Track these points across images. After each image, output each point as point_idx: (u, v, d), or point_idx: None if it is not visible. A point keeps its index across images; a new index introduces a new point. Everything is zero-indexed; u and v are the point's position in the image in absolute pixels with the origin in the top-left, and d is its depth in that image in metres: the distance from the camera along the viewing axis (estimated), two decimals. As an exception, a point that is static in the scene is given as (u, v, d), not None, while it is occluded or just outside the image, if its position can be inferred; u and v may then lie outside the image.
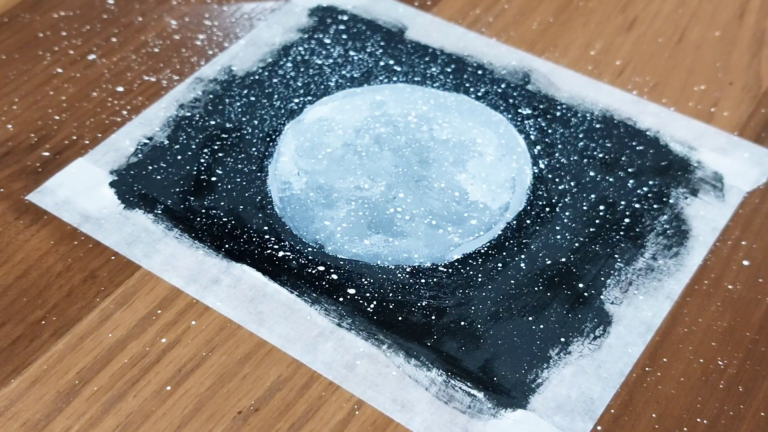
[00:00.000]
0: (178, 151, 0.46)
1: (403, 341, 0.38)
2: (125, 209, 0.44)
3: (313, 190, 0.44)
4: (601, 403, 0.37)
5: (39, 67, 0.51)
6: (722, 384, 0.37)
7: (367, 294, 0.40)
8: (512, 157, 0.46)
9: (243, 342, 0.39)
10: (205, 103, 0.49)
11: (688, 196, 0.44)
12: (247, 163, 0.46)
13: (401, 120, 0.47)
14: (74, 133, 0.48)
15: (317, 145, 0.46)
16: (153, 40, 0.53)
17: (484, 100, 0.49)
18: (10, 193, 0.45)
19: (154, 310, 0.40)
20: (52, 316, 0.40)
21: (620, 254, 0.42)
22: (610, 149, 0.46)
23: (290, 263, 0.41)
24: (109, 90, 0.50)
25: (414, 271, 0.41)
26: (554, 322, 0.39)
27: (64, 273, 0.41)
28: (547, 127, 0.47)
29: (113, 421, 0.36)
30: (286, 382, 0.37)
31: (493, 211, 0.43)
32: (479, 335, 0.39)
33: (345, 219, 0.43)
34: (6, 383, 0.37)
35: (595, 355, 0.38)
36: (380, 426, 0.36)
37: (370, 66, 0.51)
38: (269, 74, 0.51)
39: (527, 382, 0.37)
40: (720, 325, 0.39)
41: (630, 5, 0.55)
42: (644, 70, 0.51)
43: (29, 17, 0.55)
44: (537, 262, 0.41)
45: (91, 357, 0.38)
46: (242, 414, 0.36)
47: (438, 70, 0.50)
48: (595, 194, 0.44)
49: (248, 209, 0.44)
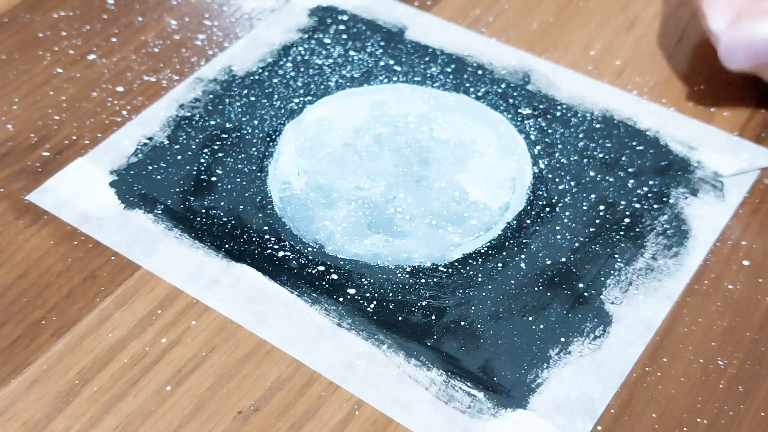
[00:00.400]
0: (178, 151, 0.46)
1: (403, 341, 0.38)
2: (125, 209, 0.44)
3: (313, 189, 0.44)
4: (601, 403, 0.37)
5: (39, 67, 0.51)
6: (722, 384, 0.37)
7: (367, 294, 0.40)
8: (512, 157, 0.46)
9: (243, 342, 0.39)
10: (205, 103, 0.49)
11: (688, 196, 0.44)
12: (247, 163, 0.46)
13: (401, 120, 0.47)
14: (74, 133, 0.48)
15: (317, 145, 0.46)
16: (153, 40, 0.53)
17: (484, 100, 0.49)
18: (10, 193, 0.45)
19: (154, 310, 0.40)
20: (52, 316, 0.40)
21: (620, 254, 0.42)
22: (610, 149, 0.46)
23: (290, 263, 0.41)
24: (109, 90, 0.50)
25: (414, 271, 0.41)
26: (554, 322, 0.39)
27: (64, 273, 0.41)
28: (547, 127, 0.47)
29: (113, 421, 0.36)
30: (286, 382, 0.37)
31: (493, 211, 0.43)
32: (479, 335, 0.39)
33: (345, 219, 0.43)
34: (6, 383, 0.37)
35: (595, 355, 0.38)
36: (380, 426, 0.36)
37: (370, 66, 0.51)
38: (269, 74, 0.51)
39: (527, 382, 0.37)
40: (720, 325, 0.39)
41: (630, 5, 0.55)
42: (644, 70, 0.51)
43: (29, 17, 0.55)
44: (537, 262, 0.41)
45: (91, 357, 0.38)
46: (242, 414, 0.36)
47: (438, 70, 0.50)
48: (595, 194, 0.44)
49: (248, 209, 0.44)
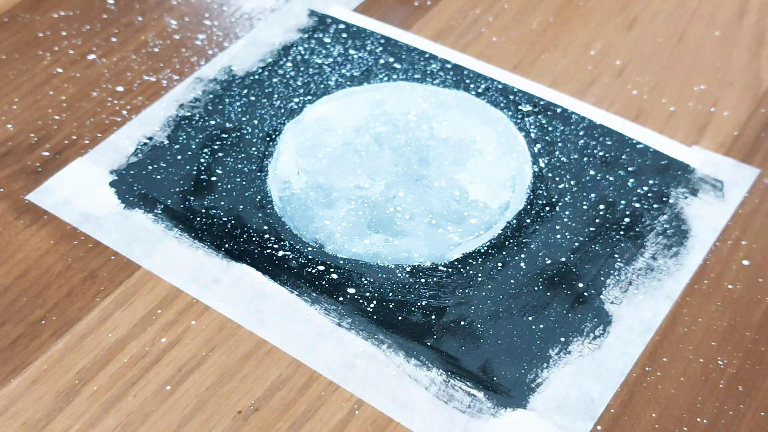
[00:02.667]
0: (178, 150, 0.46)
1: (403, 341, 0.38)
2: (125, 209, 0.44)
3: (313, 189, 0.44)
4: (601, 403, 0.37)
5: (39, 67, 0.51)
6: (722, 384, 0.37)
7: (367, 293, 0.40)
8: (512, 156, 0.46)
9: (243, 342, 0.39)
10: (205, 102, 0.49)
11: (688, 196, 0.44)
12: (247, 163, 0.46)
13: (401, 118, 0.47)
14: (74, 133, 0.48)
15: (317, 145, 0.46)
16: (153, 40, 0.53)
17: (484, 97, 0.49)
18: (10, 193, 0.45)
19: (154, 309, 0.40)
20: (52, 315, 0.40)
21: (620, 254, 0.42)
22: (610, 147, 0.46)
23: (290, 263, 0.41)
24: (109, 90, 0.50)
25: (414, 271, 0.41)
26: (554, 321, 0.39)
27: (64, 273, 0.41)
28: (548, 124, 0.47)
29: (113, 420, 0.36)
30: (286, 382, 0.37)
31: (493, 210, 0.43)
32: (479, 335, 0.39)
33: (345, 218, 0.43)
34: (6, 383, 0.37)
35: (595, 354, 0.38)
36: (380, 426, 0.36)
37: (370, 64, 0.51)
38: (269, 74, 0.51)
39: (527, 382, 0.37)
40: (720, 325, 0.39)
41: (630, 5, 0.55)
42: (644, 70, 0.51)
43: (29, 17, 0.55)
44: (537, 262, 0.41)
45: (91, 357, 0.38)
46: (242, 414, 0.36)
47: (438, 67, 0.50)
48: (595, 193, 0.44)
49: (248, 209, 0.44)
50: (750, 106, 0.49)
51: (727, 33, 0.53)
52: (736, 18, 0.54)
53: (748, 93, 0.49)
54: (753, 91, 0.50)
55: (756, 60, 0.51)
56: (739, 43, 0.52)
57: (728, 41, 0.53)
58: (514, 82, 0.50)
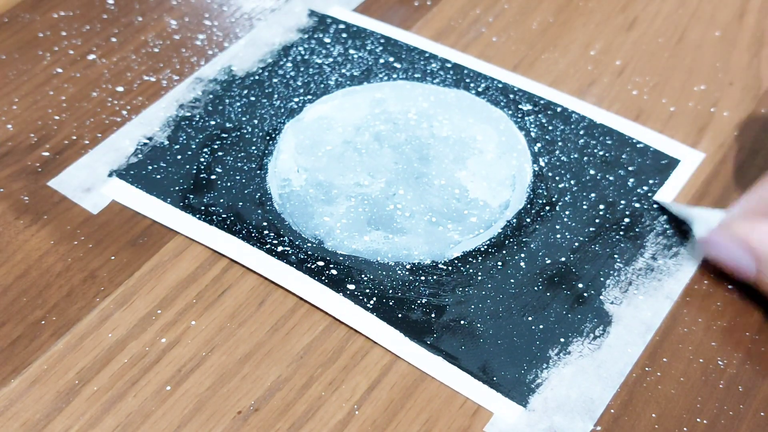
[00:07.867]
0: (178, 151, 0.46)
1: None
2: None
3: (312, 186, 0.44)
4: (600, 403, 0.37)
5: (39, 67, 0.51)
6: (722, 384, 0.37)
7: (367, 290, 0.40)
8: (512, 155, 0.46)
9: (243, 342, 0.39)
10: (205, 103, 0.49)
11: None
12: (247, 161, 0.46)
13: (401, 117, 0.47)
14: (74, 133, 0.48)
15: (317, 143, 0.46)
16: (153, 40, 0.53)
17: (484, 96, 0.49)
18: (10, 193, 0.45)
19: (153, 309, 0.40)
20: (52, 316, 0.40)
21: (620, 254, 0.42)
22: (610, 147, 0.46)
23: (289, 258, 0.41)
24: (109, 90, 0.50)
25: (414, 268, 0.41)
26: (554, 321, 0.39)
27: (64, 273, 0.41)
28: (548, 123, 0.47)
29: (113, 421, 0.36)
30: (286, 382, 0.37)
31: (493, 209, 0.43)
32: (479, 334, 0.39)
33: (345, 215, 0.43)
34: (6, 383, 0.37)
35: (595, 355, 0.38)
36: (380, 426, 0.36)
37: (370, 64, 0.51)
38: (269, 74, 0.51)
39: (527, 382, 0.37)
40: (720, 325, 0.39)
41: (630, 5, 0.55)
42: (644, 70, 0.51)
43: (29, 17, 0.55)
44: (537, 261, 0.41)
45: (90, 357, 0.38)
46: (242, 414, 0.36)
47: (438, 66, 0.50)
48: (595, 193, 0.44)
49: (247, 206, 0.44)
50: (750, 106, 0.49)
51: (727, 33, 0.53)
52: (736, 18, 0.54)
53: (748, 93, 0.49)
54: (753, 91, 0.50)
55: (756, 60, 0.51)
56: (739, 43, 0.52)
57: (728, 41, 0.53)
58: (515, 81, 0.50)
